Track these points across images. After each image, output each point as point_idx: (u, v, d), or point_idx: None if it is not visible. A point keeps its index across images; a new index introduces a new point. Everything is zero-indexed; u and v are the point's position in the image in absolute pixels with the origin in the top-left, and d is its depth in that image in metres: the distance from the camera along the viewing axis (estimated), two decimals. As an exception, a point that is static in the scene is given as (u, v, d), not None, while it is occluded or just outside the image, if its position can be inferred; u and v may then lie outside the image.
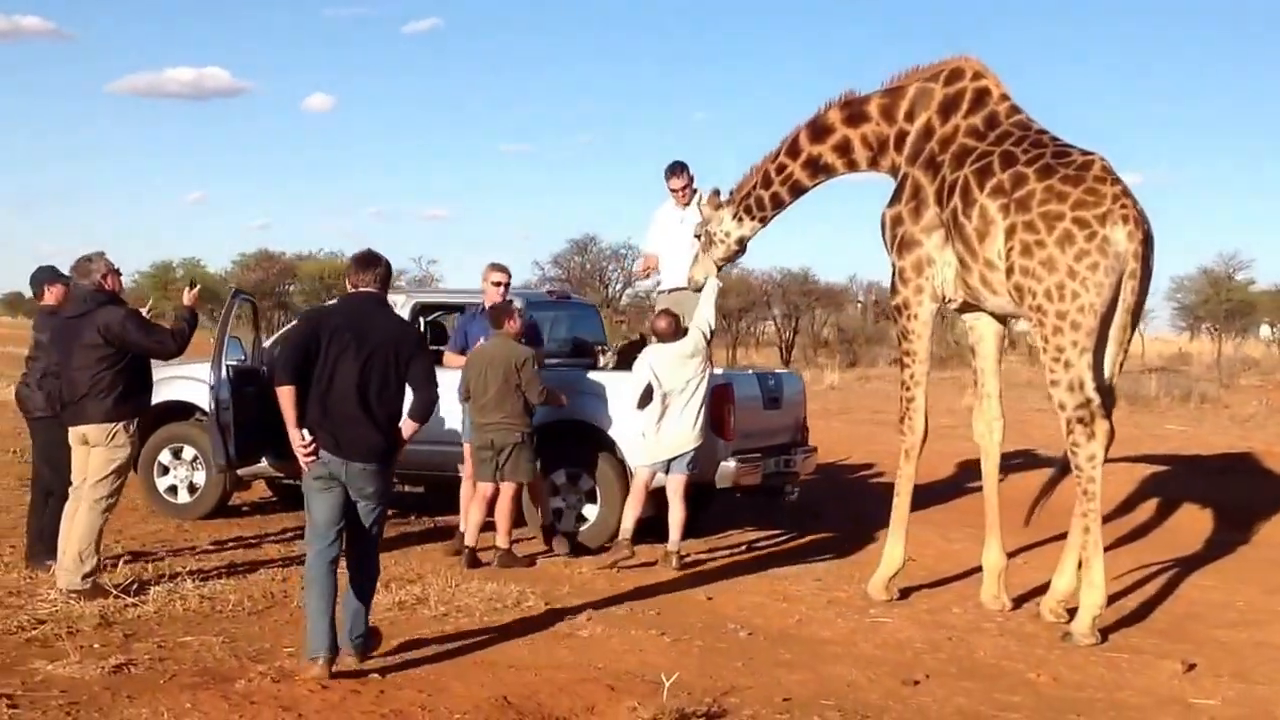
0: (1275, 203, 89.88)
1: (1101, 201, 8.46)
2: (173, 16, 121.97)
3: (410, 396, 7.32)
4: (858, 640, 8.47)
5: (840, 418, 22.70)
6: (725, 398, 10.97)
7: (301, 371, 7.11)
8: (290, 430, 7.12)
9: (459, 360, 10.77)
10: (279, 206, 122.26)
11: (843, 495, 15.16)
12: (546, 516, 11.10)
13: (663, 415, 10.34)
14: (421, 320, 11.90)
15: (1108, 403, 8.71)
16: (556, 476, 11.22)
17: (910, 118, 9.62)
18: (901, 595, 9.74)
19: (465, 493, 10.82)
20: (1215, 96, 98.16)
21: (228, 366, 11.42)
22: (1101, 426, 8.49)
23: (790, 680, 7.40)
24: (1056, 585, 9.06)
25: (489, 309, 10.77)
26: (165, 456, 12.16)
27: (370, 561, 7.39)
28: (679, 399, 10.36)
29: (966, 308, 9.55)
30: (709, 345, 10.75)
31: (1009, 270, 8.72)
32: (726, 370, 12.29)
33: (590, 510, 11.20)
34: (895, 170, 9.74)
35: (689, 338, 10.49)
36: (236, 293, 12.05)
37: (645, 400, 10.36)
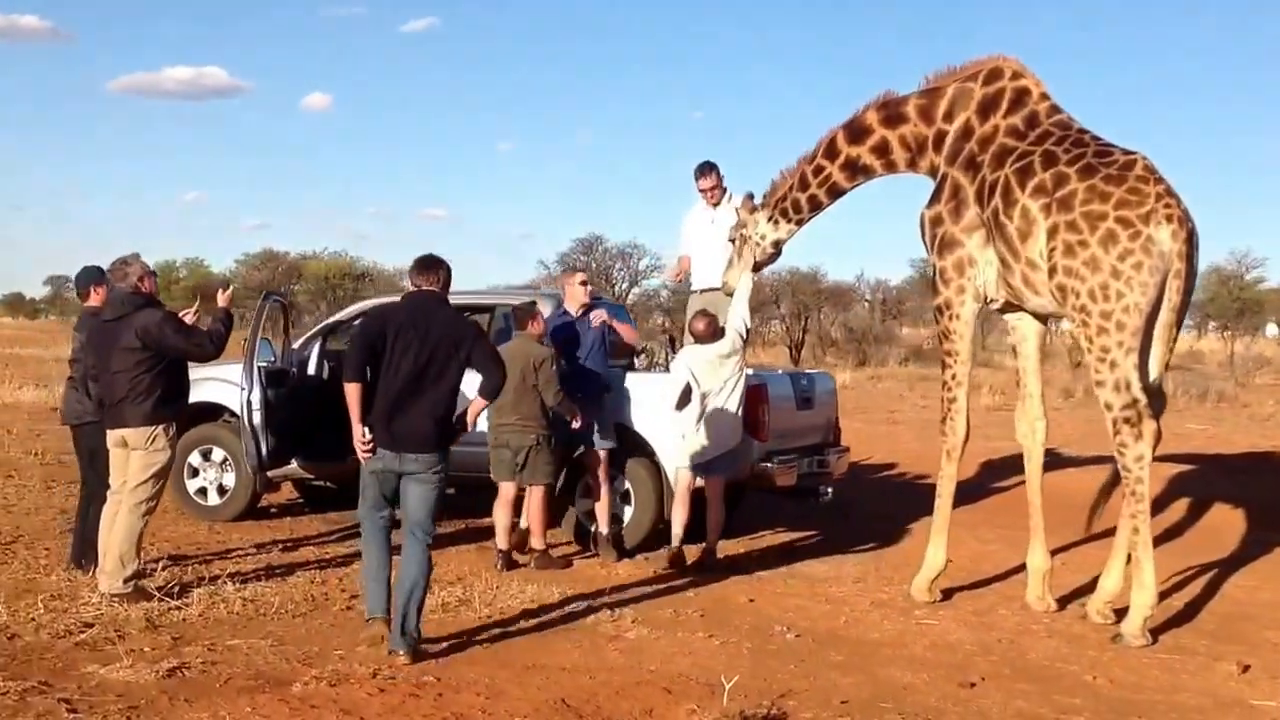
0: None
1: (1145, 201, 8.41)
2: (170, 16, 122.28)
3: (478, 379, 7.69)
4: (907, 642, 8.42)
5: (857, 417, 22.60)
6: (760, 398, 10.93)
7: (367, 367, 7.53)
8: (354, 426, 7.52)
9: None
10: (277, 206, 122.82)
11: (869, 495, 15.10)
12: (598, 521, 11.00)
13: (701, 417, 10.29)
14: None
15: (1156, 404, 8.66)
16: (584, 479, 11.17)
17: (949, 118, 9.58)
18: (944, 596, 9.68)
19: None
20: (1226, 93, 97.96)
21: (259, 368, 11.43)
22: (1149, 427, 8.45)
23: (845, 683, 7.36)
24: (1104, 586, 9.02)
25: (513, 309, 10.74)
26: (195, 458, 12.10)
27: (421, 556, 7.54)
28: (716, 400, 10.32)
29: (1008, 308, 9.50)
30: (745, 345, 10.70)
31: (1051, 270, 8.68)
32: (758, 370, 12.21)
33: (625, 512, 11.15)
34: (934, 171, 9.70)
35: (725, 339, 10.45)
36: (268, 294, 12.03)
37: (683, 402, 10.30)
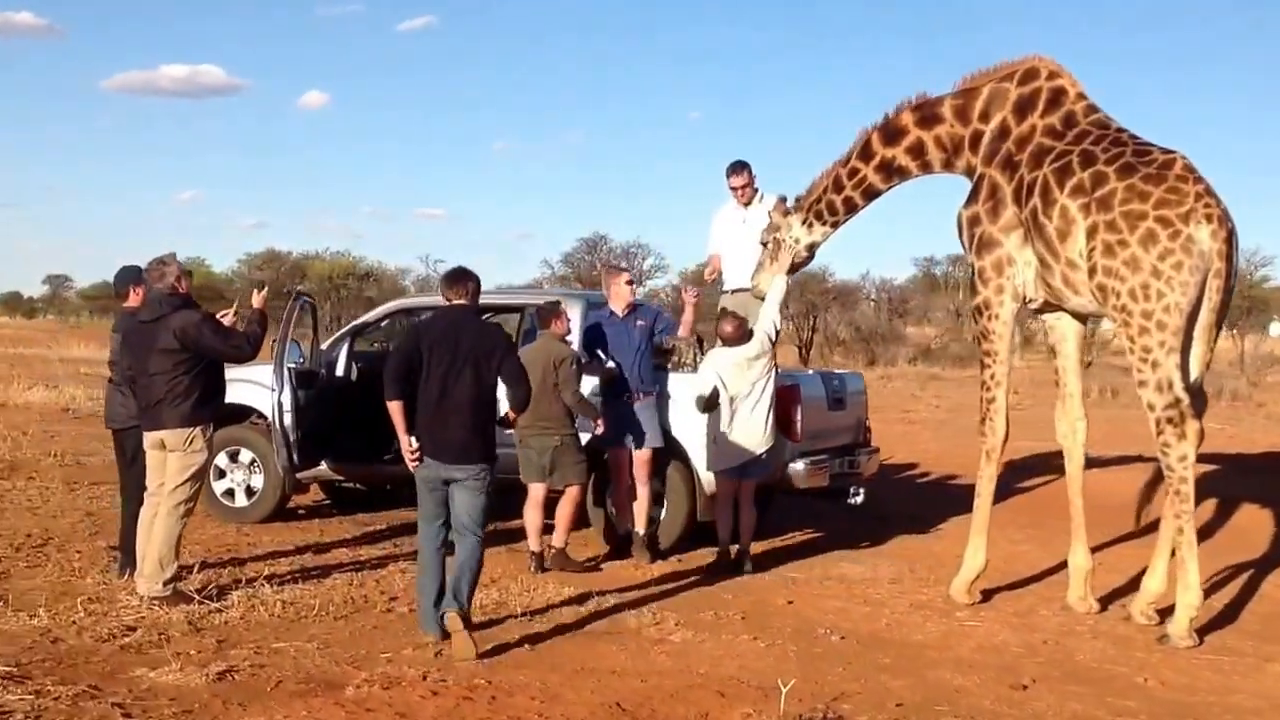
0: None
1: (1184, 200, 8.37)
2: (167, 13, 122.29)
3: (508, 391, 8.05)
4: (952, 644, 8.38)
5: (872, 417, 22.44)
6: (793, 399, 10.88)
7: (406, 384, 7.87)
8: (400, 437, 7.91)
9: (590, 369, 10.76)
10: (273, 205, 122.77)
11: (895, 495, 15.04)
12: (628, 524, 10.96)
13: (732, 419, 10.24)
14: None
15: (1197, 403, 8.61)
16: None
17: (985, 118, 9.55)
18: (984, 598, 9.64)
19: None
20: (1229, 92, 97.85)
21: (288, 369, 11.39)
22: (1192, 426, 8.41)
23: (896, 685, 7.32)
24: (1147, 586, 8.98)
25: (538, 309, 10.71)
26: (222, 460, 12.02)
27: (475, 552, 7.88)
28: (746, 403, 10.26)
29: (1047, 307, 9.46)
30: (774, 347, 10.66)
31: (1091, 270, 8.64)
32: (790, 371, 12.18)
33: (656, 512, 11.10)
34: (970, 171, 9.66)
35: (754, 341, 10.39)
36: (298, 295, 11.98)
37: (710, 404, 10.25)
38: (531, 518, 10.36)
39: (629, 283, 11.08)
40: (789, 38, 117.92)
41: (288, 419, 11.33)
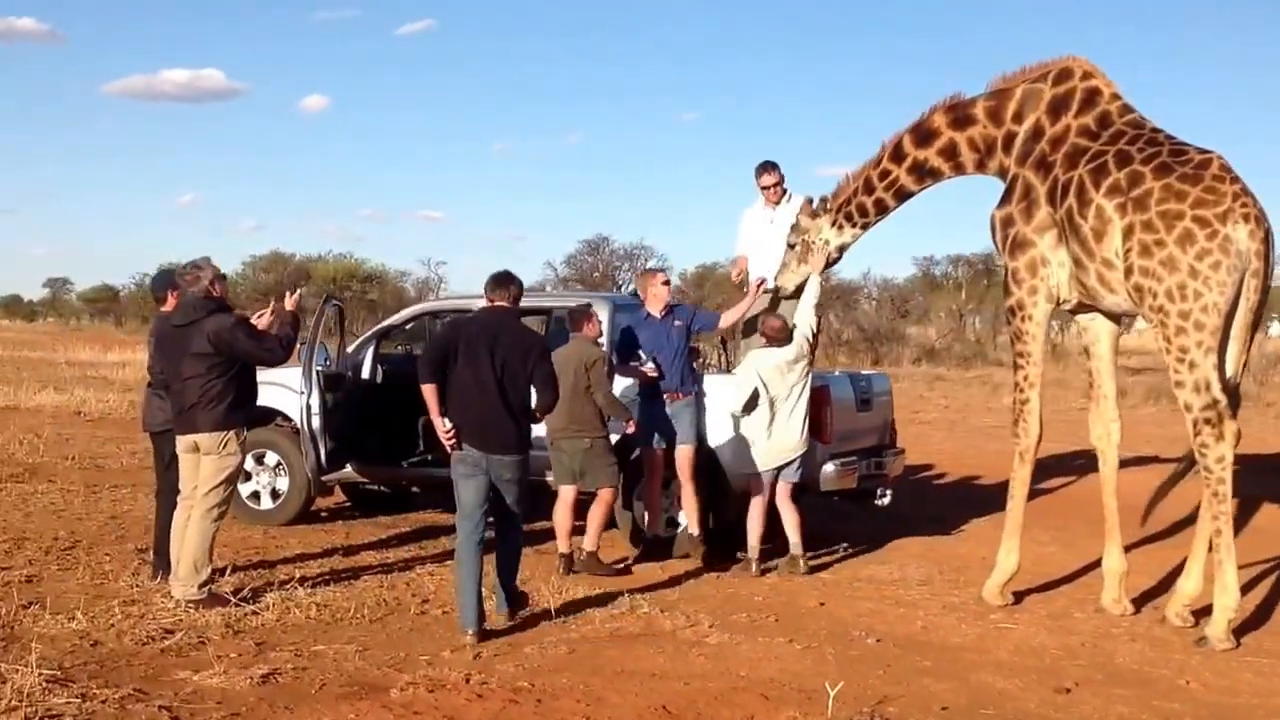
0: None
1: (1222, 200, 8.35)
2: (168, 18, 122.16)
3: (536, 395, 8.48)
4: (989, 647, 8.34)
5: (885, 418, 22.57)
6: (824, 400, 10.86)
7: (441, 371, 8.25)
8: (435, 420, 8.29)
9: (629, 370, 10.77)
10: (272, 208, 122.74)
11: (914, 496, 15.00)
12: (655, 526, 10.97)
13: (771, 422, 10.22)
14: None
15: (1233, 403, 8.59)
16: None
17: (1018, 119, 9.52)
18: (1016, 600, 9.62)
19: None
20: (1232, 91, 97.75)
21: (316, 372, 11.38)
22: (1230, 427, 8.38)
23: (939, 689, 7.29)
24: (1183, 588, 8.94)
25: (569, 312, 10.69)
26: (248, 462, 11.91)
27: (514, 537, 8.57)
28: (785, 405, 10.25)
29: (1081, 308, 9.44)
30: (813, 350, 10.65)
31: (1128, 270, 8.62)
32: (818, 372, 12.13)
33: (681, 516, 11.08)
34: (1003, 172, 9.64)
35: (793, 344, 10.38)
36: (328, 298, 11.98)
37: (751, 407, 10.22)
38: (561, 519, 10.33)
39: (665, 283, 11.09)
40: (785, 38, 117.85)
41: (316, 422, 11.33)
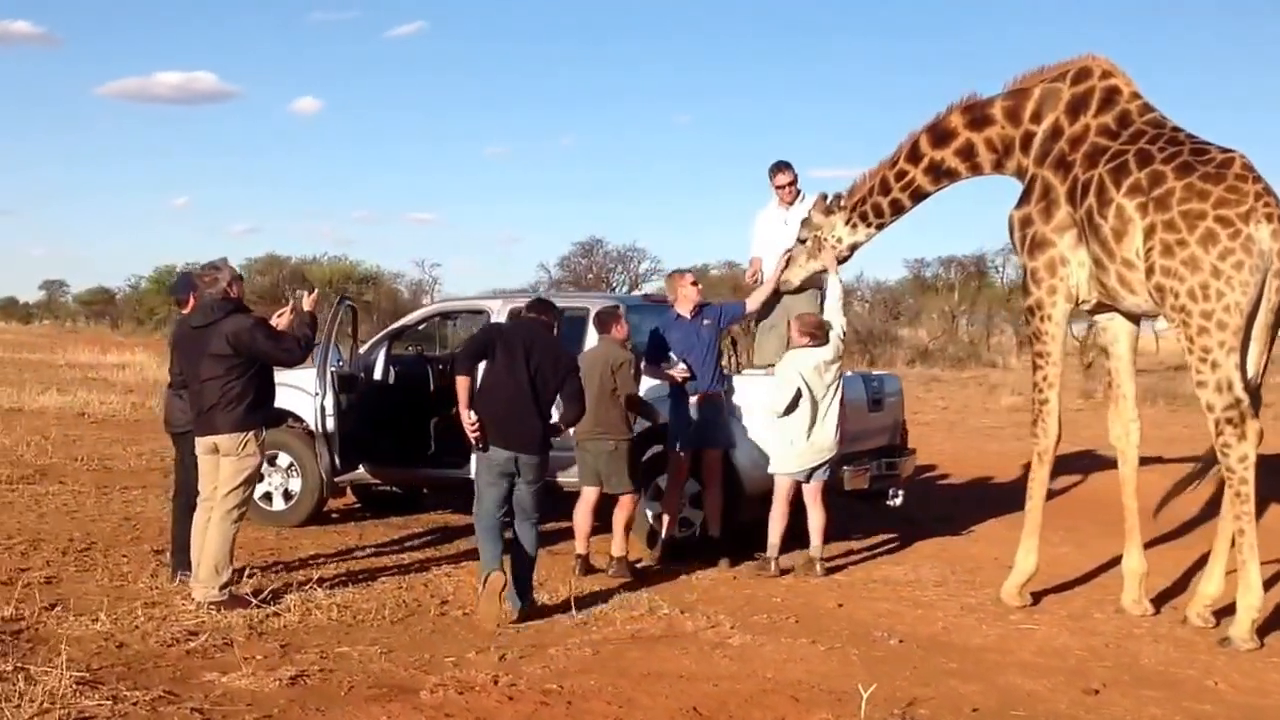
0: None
1: (1244, 199, 8.34)
2: (161, 21, 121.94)
3: (563, 407, 8.99)
4: (1012, 648, 8.33)
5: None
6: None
7: (476, 366, 8.78)
8: (462, 411, 8.73)
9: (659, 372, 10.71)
10: (265, 210, 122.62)
11: (921, 497, 14.96)
12: (671, 528, 10.91)
13: (810, 423, 10.20)
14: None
15: (1254, 403, 8.60)
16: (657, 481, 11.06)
17: (1036, 119, 9.50)
18: (1034, 601, 9.61)
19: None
20: (1237, 90, 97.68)
21: (330, 373, 11.36)
22: (1252, 427, 8.39)
23: (968, 690, 7.27)
24: (1204, 589, 8.94)
25: (596, 314, 10.67)
26: (259, 464, 11.98)
27: (530, 537, 8.87)
28: (821, 405, 10.25)
29: (1100, 308, 9.43)
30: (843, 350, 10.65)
31: (1149, 270, 8.60)
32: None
33: (696, 515, 11.08)
34: (1021, 172, 9.62)
35: (830, 345, 10.36)
36: (342, 299, 11.96)
37: (792, 408, 10.21)
38: (581, 520, 10.31)
39: (694, 284, 11.04)
40: (778, 40, 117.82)
41: (330, 423, 11.31)
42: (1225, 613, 8.80)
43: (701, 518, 10.98)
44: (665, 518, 10.82)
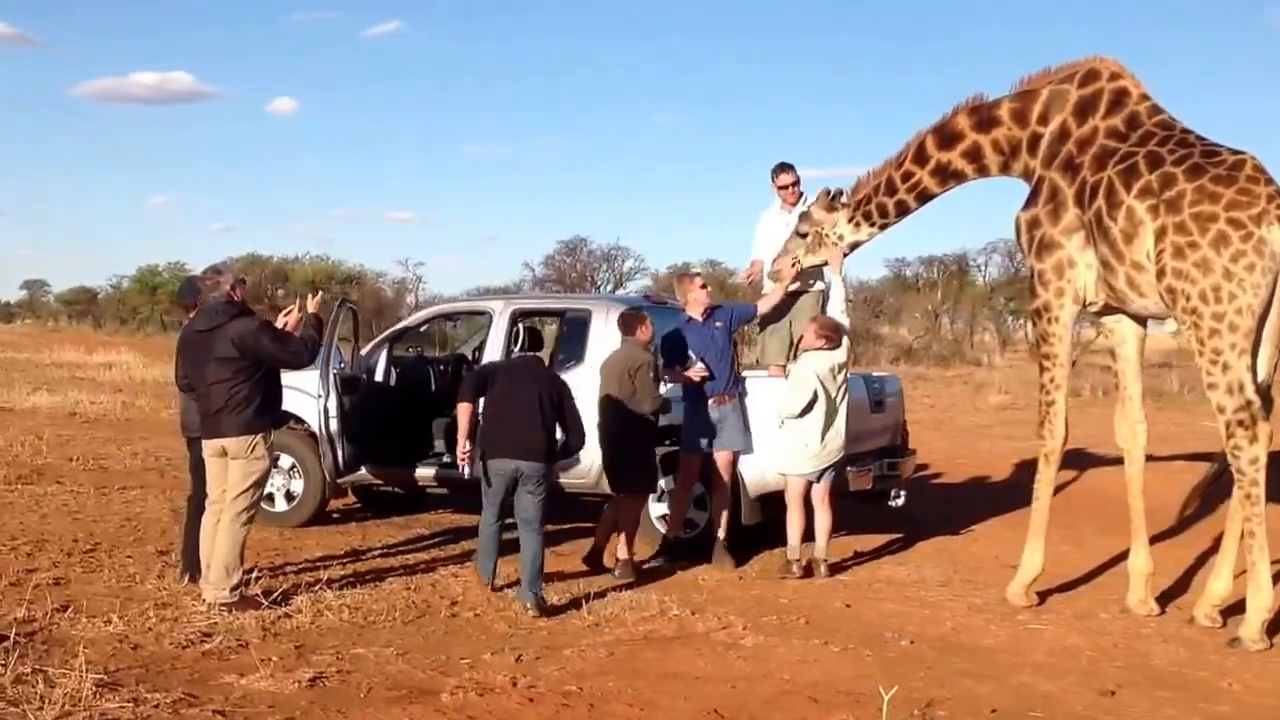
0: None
1: (1256, 201, 8.37)
2: (137, 21, 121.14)
3: (568, 433, 9.30)
4: (1023, 648, 8.36)
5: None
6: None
7: (479, 394, 9.31)
8: (460, 438, 9.40)
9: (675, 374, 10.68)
10: (243, 210, 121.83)
11: (916, 497, 14.96)
12: (675, 529, 10.91)
13: (823, 424, 10.21)
14: (520, 326, 11.61)
15: (1265, 405, 8.62)
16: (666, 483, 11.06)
17: (1044, 120, 9.52)
18: (1039, 600, 9.64)
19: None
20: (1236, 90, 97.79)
21: (333, 375, 11.35)
22: (1263, 429, 8.41)
23: (983, 691, 7.30)
24: (1212, 589, 8.98)
25: (620, 316, 10.64)
26: (260, 465, 11.95)
27: (535, 541, 9.03)
28: (833, 406, 10.26)
29: (1107, 310, 9.46)
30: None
31: (1160, 272, 8.63)
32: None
33: (700, 517, 11.08)
34: (1028, 174, 9.64)
35: (842, 347, 10.38)
36: (343, 302, 11.93)
37: (808, 410, 10.20)
38: (605, 520, 10.42)
39: (703, 287, 11.03)
40: (757, 41, 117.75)
41: (334, 424, 11.30)
42: (1231, 612, 8.87)
43: (705, 519, 10.97)
44: (670, 518, 10.81)
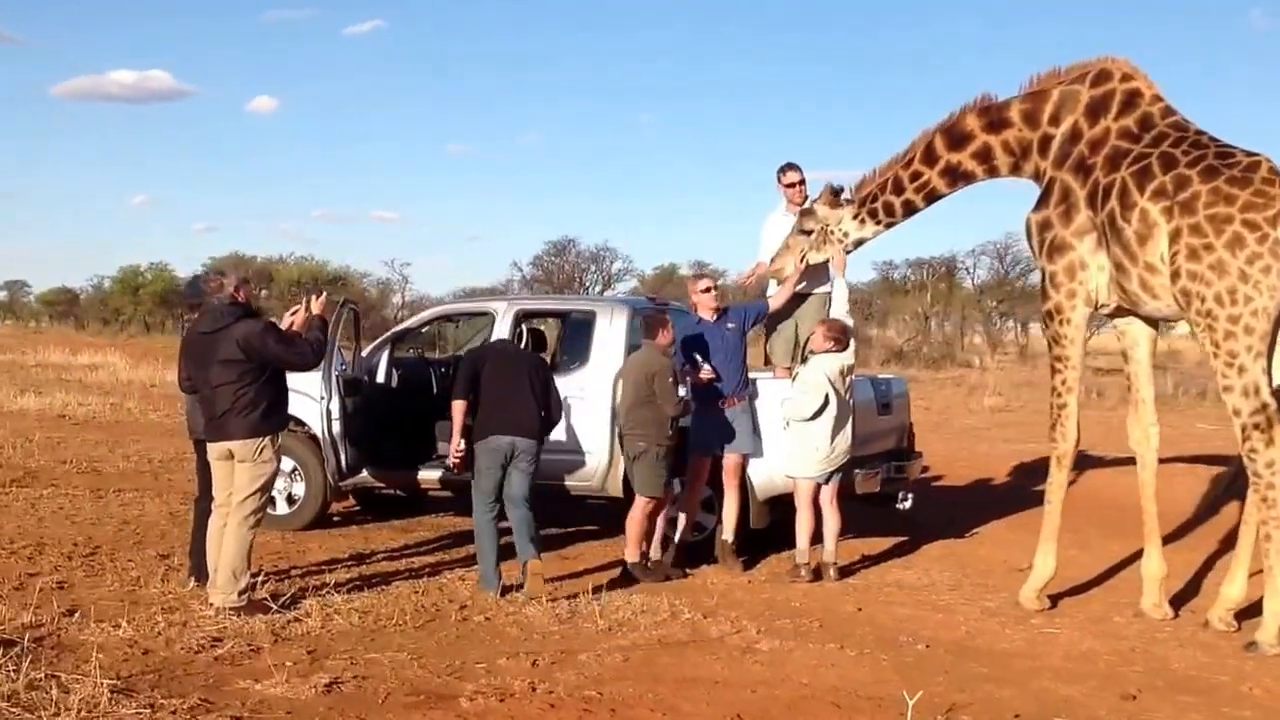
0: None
1: (1272, 203, 8.32)
2: (115, 19, 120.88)
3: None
4: (1040, 652, 8.30)
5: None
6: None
7: (473, 390, 9.53)
8: (454, 435, 9.70)
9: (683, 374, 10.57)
10: (224, 209, 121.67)
11: (920, 499, 14.90)
12: (688, 533, 10.85)
13: (833, 426, 10.14)
14: (524, 327, 11.51)
15: (1280, 408, 8.57)
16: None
17: (1055, 121, 9.47)
18: (1051, 604, 9.59)
19: None
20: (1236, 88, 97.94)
21: (335, 377, 11.26)
22: (1279, 431, 8.37)
23: (1005, 696, 7.23)
24: (1227, 593, 8.92)
25: (643, 318, 10.53)
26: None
27: (527, 510, 9.48)
28: (842, 409, 10.20)
29: (1119, 312, 9.41)
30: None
31: (1175, 274, 8.57)
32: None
33: (707, 520, 11.00)
34: (1038, 175, 9.59)
35: (850, 349, 10.32)
36: (344, 302, 11.83)
37: (819, 413, 10.13)
38: (633, 527, 10.28)
39: (704, 290, 10.91)
40: (741, 40, 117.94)
41: (336, 427, 11.21)
42: (1245, 615, 8.83)
43: (714, 521, 10.89)
44: (681, 521, 10.73)
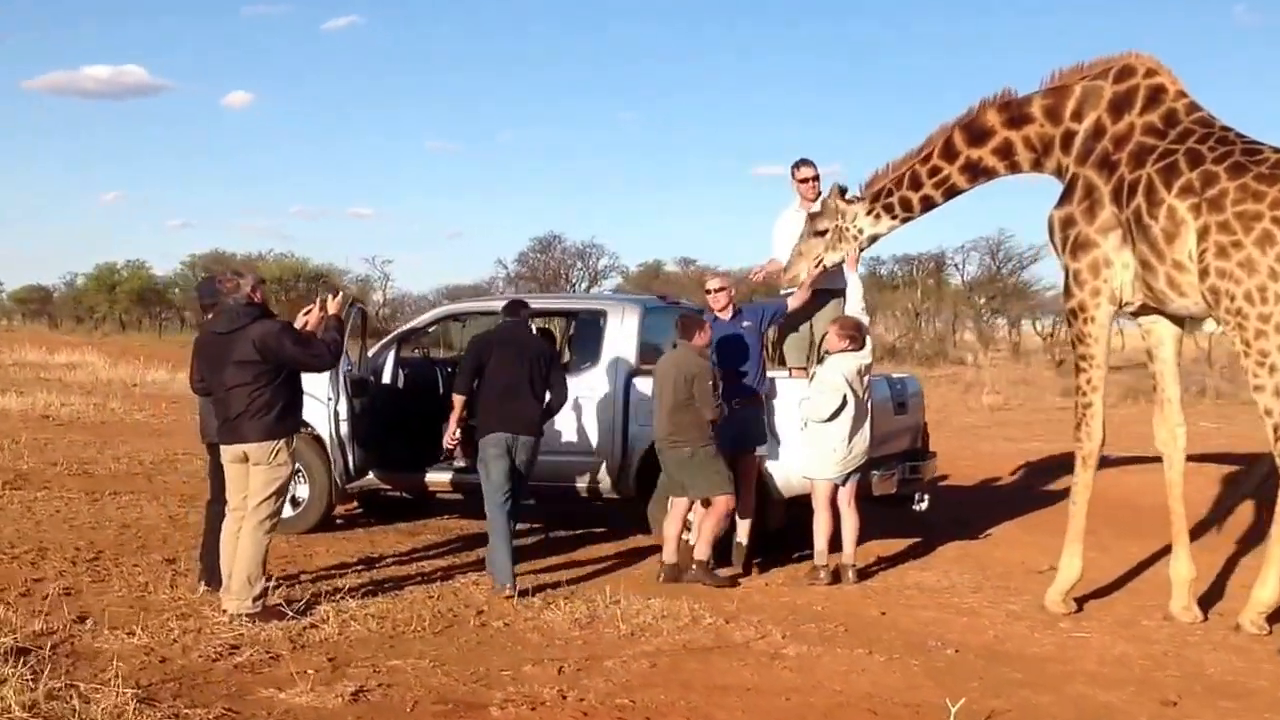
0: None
1: None
2: (89, 14, 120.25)
3: (551, 392, 9.79)
4: (1072, 657, 8.15)
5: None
6: (865, 404, 10.63)
7: (475, 382, 9.73)
8: (450, 425, 9.96)
9: None
10: (198, 206, 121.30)
11: (932, 501, 14.78)
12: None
13: (851, 426, 9.99)
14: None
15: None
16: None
17: (1078, 117, 9.33)
18: (1078, 607, 9.44)
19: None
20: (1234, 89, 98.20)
21: (343, 378, 11.09)
22: (1311, 432, 8.25)
23: (1042, 702, 7.08)
24: (1258, 596, 8.77)
25: (679, 319, 10.34)
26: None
27: (519, 503, 9.88)
28: (860, 409, 10.05)
29: (1144, 310, 9.27)
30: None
31: (1203, 272, 8.44)
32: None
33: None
34: (1060, 171, 9.45)
35: (867, 348, 10.17)
36: (352, 303, 11.63)
37: (837, 413, 9.98)
38: (670, 529, 10.13)
39: (710, 290, 10.76)
40: (722, 35, 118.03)
41: (344, 428, 11.03)
42: (1275, 618, 8.71)
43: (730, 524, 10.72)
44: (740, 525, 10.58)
